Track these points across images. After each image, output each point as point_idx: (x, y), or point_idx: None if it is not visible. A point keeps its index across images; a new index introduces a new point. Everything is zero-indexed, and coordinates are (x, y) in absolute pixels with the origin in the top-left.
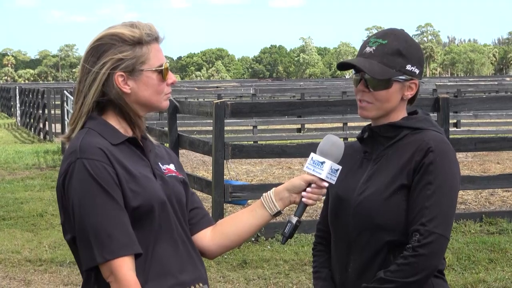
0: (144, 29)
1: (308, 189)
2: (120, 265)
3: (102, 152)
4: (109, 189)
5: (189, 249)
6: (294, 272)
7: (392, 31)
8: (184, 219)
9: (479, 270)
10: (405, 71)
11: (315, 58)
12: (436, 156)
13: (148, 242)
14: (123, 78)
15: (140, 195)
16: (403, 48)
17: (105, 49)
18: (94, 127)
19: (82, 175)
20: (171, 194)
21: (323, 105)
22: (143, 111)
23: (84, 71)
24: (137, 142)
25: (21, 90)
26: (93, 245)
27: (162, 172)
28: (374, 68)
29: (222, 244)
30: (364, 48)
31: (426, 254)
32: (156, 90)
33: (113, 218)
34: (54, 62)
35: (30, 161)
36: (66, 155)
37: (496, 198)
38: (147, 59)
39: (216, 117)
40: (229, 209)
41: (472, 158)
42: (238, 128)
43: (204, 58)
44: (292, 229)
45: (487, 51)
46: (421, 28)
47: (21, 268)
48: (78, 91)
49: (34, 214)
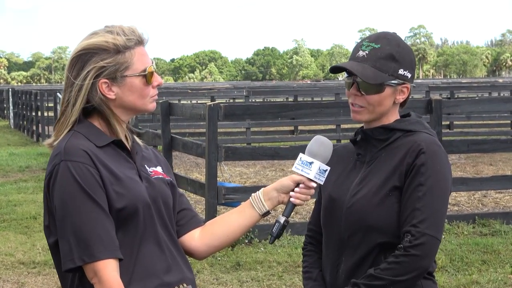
0: (126, 34)
1: (296, 189)
2: (103, 266)
3: (86, 154)
4: (92, 192)
5: (173, 251)
6: (287, 274)
7: (385, 35)
8: (170, 221)
9: (472, 272)
10: (398, 76)
11: (308, 60)
12: (428, 158)
13: (133, 244)
14: (107, 85)
15: (124, 197)
16: (396, 53)
17: (87, 59)
18: (79, 130)
19: (65, 177)
20: (157, 196)
21: (316, 107)
22: (128, 114)
23: (69, 82)
24: (122, 144)
25: (14, 92)
26: (72, 247)
27: (149, 174)
28: (367, 73)
29: (211, 244)
30: (357, 52)
31: (417, 255)
32: (141, 94)
33: (94, 221)
34: (47, 64)
35: (23, 164)
36: (52, 157)
37: (489, 200)
38: (130, 64)
39: (209, 119)
40: (222, 211)
41: (465, 159)
42: (231, 130)
43: (197, 60)
44: (280, 229)
45: (480, 52)
46: (414, 30)
47: (14, 270)
48: (63, 100)
49: (27, 217)
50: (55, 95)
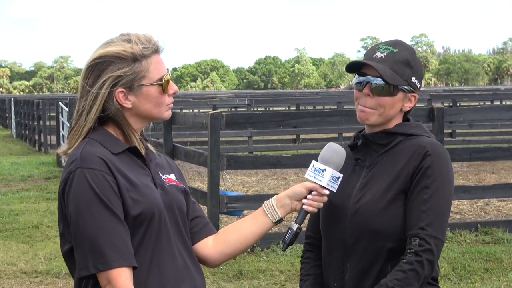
0: (142, 42)
1: (309, 196)
2: (117, 274)
3: (103, 162)
4: (107, 199)
5: (187, 259)
6: (290, 283)
7: (401, 42)
8: (185, 228)
9: (474, 280)
10: (410, 82)
11: (310, 68)
12: (434, 160)
13: (148, 251)
14: (123, 94)
15: (140, 204)
16: (412, 60)
17: (104, 67)
18: (95, 137)
19: (81, 185)
20: (172, 203)
21: (318, 115)
22: (143, 123)
23: (84, 90)
24: (137, 151)
25: (16, 102)
26: (87, 254)
27: (163, 182)
28: (386, 72)
29: (224, 252)
30: (374, 53)
31: (429, 260)
32: (158, 103)
33: (109, 229)
34: (49, 73)
35: (25, 173)
36: (67, 164)
37: (491, 208)
38: (147, 73)
39: (211, 128)
40: (224, 219)
41: (467, 168)
42: (233, 139)
43: (199, 69)
44: (292, 236)
45: (481, 61)
46: (416, 38)
47: (16, 280)
48: (78, 109)
49: (29, 226)
50: (57, 104)
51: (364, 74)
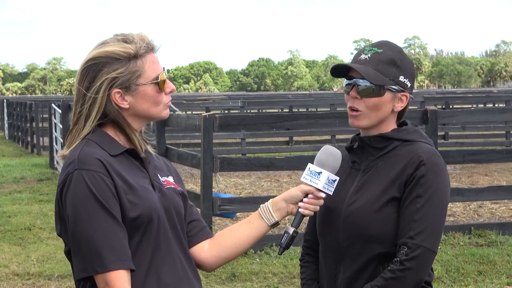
0: (137, 42)
1: (305, 199)
2: (115, 277)
3: (101, 163)
4: (105, 201)
5: (184, 263)
6: (283, 285)
7: (388, 42)
8: (182, 232)
9: (468, 283)
10: (398, 82)
11: (303, 70)
12: (428, 170)
13: (146, 254)
14: (120, 95)
15: (138, 206)
16: (398, 59)
17: (99, 69)
18: (93, 138)
19: (78, 186)
20: (170, 206)
21: (312, 117)
22: (141, 122)
23: (80, 93)
24: (136, 153)
25: (9, 103)
26: (85, 256)
27: (161, 184)
28: (369, 73)
29: (219, 256)
30: (359, 55)
31: (413, 268)
32: (155, 102)
33: (107, 231)
34: (42, 75)
35: (18, 175)
36: (65, 165)
37: (484, 210)
38: (142, 73)
39: (204, 130)
40: (217, 222)
41: (460, 170)
42: (226, 141)
43: (192, 71)
44: (289, 240)
45: (474, 63)
46: (409, 41)
47: (9, 282)
48: (75, 112)
49: (22, 228)
50: (50, 106)
51: (351, 77)
